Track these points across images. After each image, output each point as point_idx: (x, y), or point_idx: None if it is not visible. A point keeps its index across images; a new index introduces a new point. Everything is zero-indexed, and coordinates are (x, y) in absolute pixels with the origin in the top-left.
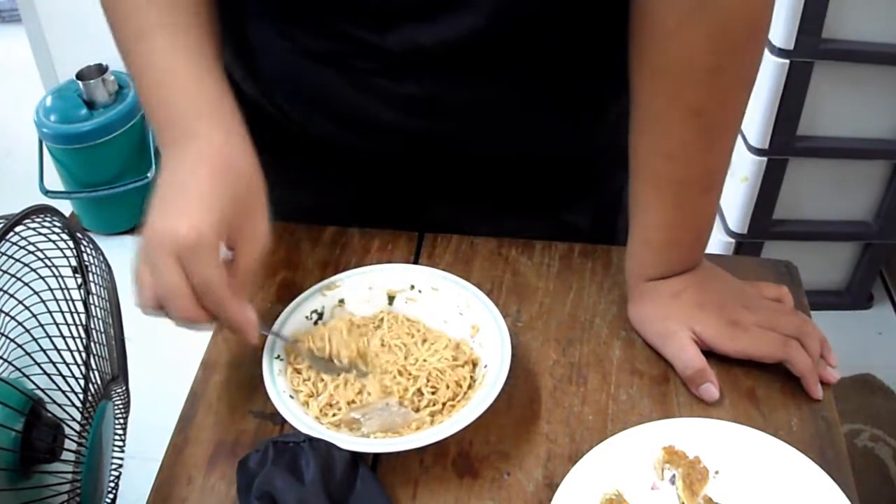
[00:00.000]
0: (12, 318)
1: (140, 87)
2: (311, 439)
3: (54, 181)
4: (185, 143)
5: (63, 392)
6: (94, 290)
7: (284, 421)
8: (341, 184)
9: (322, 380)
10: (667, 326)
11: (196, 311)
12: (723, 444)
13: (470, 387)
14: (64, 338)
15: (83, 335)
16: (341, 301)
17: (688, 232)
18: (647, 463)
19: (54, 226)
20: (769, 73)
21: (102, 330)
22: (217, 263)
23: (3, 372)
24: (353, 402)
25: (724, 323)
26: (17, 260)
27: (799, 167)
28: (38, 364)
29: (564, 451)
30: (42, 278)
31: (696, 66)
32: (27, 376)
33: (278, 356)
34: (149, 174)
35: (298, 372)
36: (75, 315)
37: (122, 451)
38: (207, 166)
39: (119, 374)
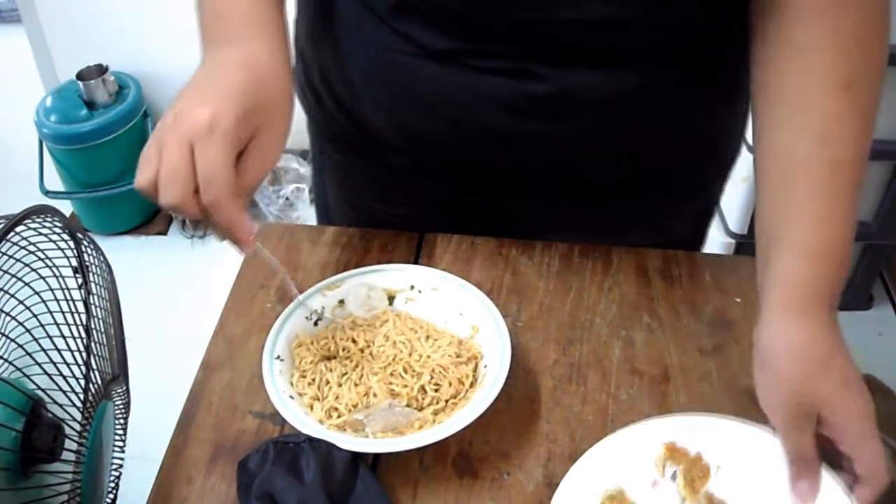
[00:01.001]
0: (13, 317)
1: (201, 4)
2: (311, 439)
3: (54, 181)
4: (227, 46)
5: (63, 392)
6: (94, 290)
7: (284, 421)
8: (440, 192)
9: (327, 382)
10: (801, 402)
11: (190, 199)
12: (724, 441)
13: (472, 385)
14: (64, 338)
15: (83, 335)
16: (341, 301)
17: (845, 234)
18: (648, 460)
19: (55, 226)
20: None
21: (103, 330)
22: (228, 155)
23: (3, 372)
24: (357, 405)
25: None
26: (18, 260)
27: None
28: (39, 364)
29: (564, 451)
30: (43, 278)
31: (845, 37)
32: (28, 376)
33: (278, 356)
34: None
35: (304, 375)
36: (76, 315)
37: (123, 452)
38: (241, 67)
39: (119, 374)
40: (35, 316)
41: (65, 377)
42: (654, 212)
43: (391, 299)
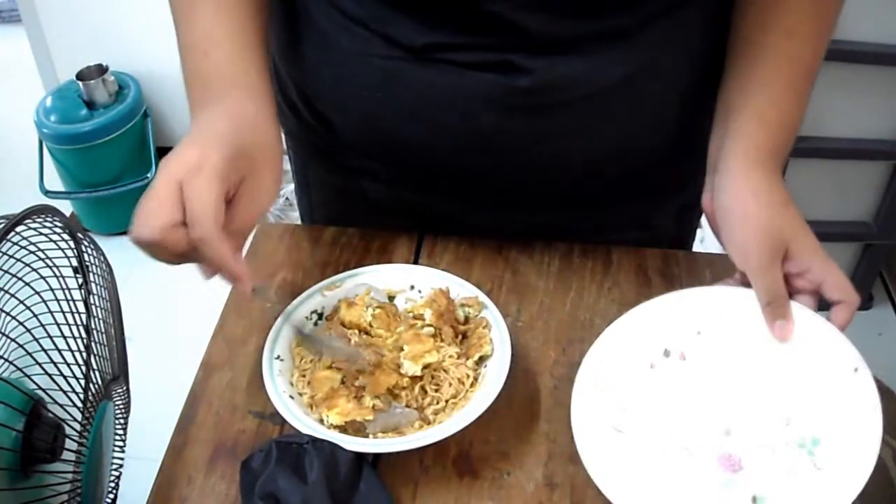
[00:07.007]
0: (13, 317)
1: (183, 58)
2: (314, 440)
3: (54, 181)
4: (214, 105)
5: (64, 392)
6: (94, 290)
7: (284, 421)
8: (417, 203)
9: None
10: (772, 237)
11: (171, 232)
12: None
13: (472, 385)
14: (65, 337)
15: (84, 335)
16: (341, 301)
17: (795, 116)
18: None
19: (55, 226)
20: None
21: (103, 330)
22: (216, 191)
23: (4, 371)
24: None
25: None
26: (18, 260)
27: (799, 167)
28: (39, 364)
29: (564, 451)
30: (43, 278)
31: None
32: (28, 376)
33: (278, 356)
34: (149, 174)
35: (304, 375)
36: (76, 315)
37: (123, 452)
38: (227, 117)
39: (119, 373)
40: (35, 316)
41: (65, 377)
42: (635, 208)
43: (391, 299)
